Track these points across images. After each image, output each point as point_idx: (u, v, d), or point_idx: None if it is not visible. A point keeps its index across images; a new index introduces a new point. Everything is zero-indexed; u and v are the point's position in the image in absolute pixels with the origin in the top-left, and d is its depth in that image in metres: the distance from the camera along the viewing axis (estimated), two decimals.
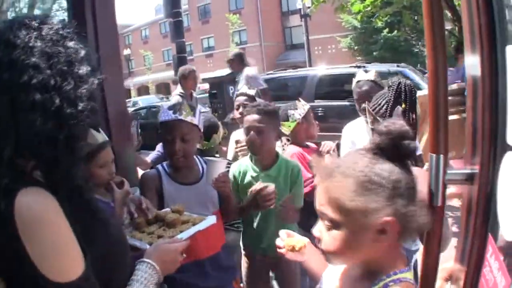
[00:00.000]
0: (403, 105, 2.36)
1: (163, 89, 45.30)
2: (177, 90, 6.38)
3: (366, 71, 3.42)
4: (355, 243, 1.13)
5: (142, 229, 1.88)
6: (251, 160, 2.68)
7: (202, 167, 2.45)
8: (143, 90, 48.08)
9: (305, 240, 1.52)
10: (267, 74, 11.50)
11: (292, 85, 10.24)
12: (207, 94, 10.58)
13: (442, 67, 1.10)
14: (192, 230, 1.80)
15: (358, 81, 3.27)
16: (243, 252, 2.83)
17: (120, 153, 2.47)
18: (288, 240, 1.54)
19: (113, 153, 2.29)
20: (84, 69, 1.06)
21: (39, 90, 0.94)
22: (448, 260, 1.43)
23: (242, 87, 4.09)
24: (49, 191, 0.99)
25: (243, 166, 2.70)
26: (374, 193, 1.08)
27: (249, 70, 6.62)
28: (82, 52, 1.08)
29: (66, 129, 0.99)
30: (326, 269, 1.41)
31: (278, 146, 3.29)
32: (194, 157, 2.47)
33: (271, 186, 2.38)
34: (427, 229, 1.17)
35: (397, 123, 1.13)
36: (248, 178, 2.64)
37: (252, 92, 3.83)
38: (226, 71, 9.27)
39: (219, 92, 9.03)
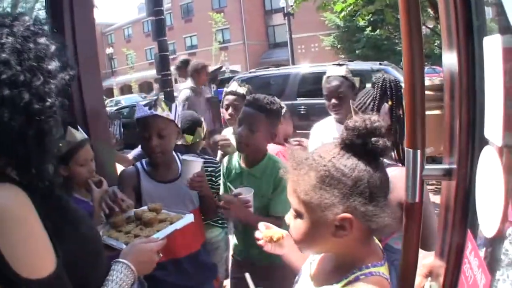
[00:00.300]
0: (390, 102, 2.32)
1: (146, 88, 45.02)
2: (186, 84, 6.12)
3: (340, 65, 3.39)
4: (314, 235, 1.14)
5: (119, 228, 1.84)
6: (239, 157, 2.52)
7: (180, 161, 2.41)
8: (126, 89, 47.74)
9: (283, 232, 1.51)
10: (250, 72, 11.49)
11: (274, 83, 10.24)
12: None
13: (418, 59, 1.08)
14: (169, 229, 1.78)
15: (328, 77, 3.13)
16: (231, 258, 2.77)
17: (99, 151, 2.44)
18: (266, 231, 1.55)
19: (92, 151, 2.26)
20: (53, 65, 1.05)
21: (8, 86, 0.94)
22: (428, 256, 1.42)
23: (232, 85, 3.58)
24: (22, 188, 0.98)
25: (233, 161, 2.55)
26: (332, 189, 1.07)
27: (183, 89, 6.08)
28: (53, 48, 1.07)
29: (35, 125, 0.98)
30: (305, 262, 1.41)
31: None
32: (174, 154, 2.43)
33: (246, 196, 2.25)
34: (393, 229, 1.17)
35: (368, 119, 1.10)
36: (233, 175, 2.53)
37: (242, 90, 3.48)
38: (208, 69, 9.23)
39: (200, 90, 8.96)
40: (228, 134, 3.40)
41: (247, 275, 1.59)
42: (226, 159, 2.69)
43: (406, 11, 1.08)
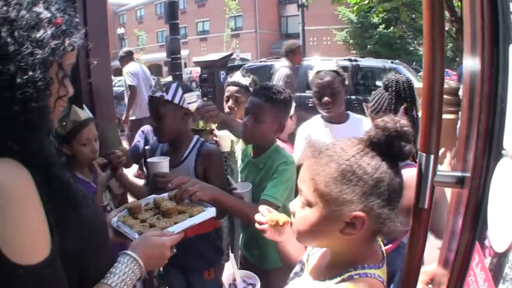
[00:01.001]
0: (405, 104, 2.26)
1: (155, 70, 45.00)
2: (282, 63, 6.51)
3: (330, 60, 3.01)
4: (322, 228, 1.11)
5: (135, 214, 1.75)
6: (252, 147, 2.46)
7: (192, 149, 2.38)
8: None
9: (288, 218, 1.45)
10: (260, 61, 11.43)
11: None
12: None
13: (438, 62, 1.04)
14: (187, 223, 1.64)
15: (318, 72, 2.83)
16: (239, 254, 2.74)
17: (104, 131, 2.42)
18: (271, 215, 1.49)
19: (97, 131, 2.25)
20: (42, 33, 0.96)
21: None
22: (430, 263, 1.39)
23: (235, 75, 3.20)
24: (25, 166, 0.92)
25: (247, 151, 2.51)
26: (352, 185, 1.05)
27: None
28: (47, 15, 0.98)
29: (19, 101, 0.91)
30: (303, 254, 1.39)
31: None
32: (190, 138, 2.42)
33: (241, 191, 2.19)
34: (399, 236, 1.14)
35: (398, 121, 1.08)
36: (242, 165, 2.52)
37: (245, 81, 3.10)
38: (218, 55, 9.17)
39: (210, 76, 8.90)
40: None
41: (232, 257, 1.58)
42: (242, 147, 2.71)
43: (430, 11, 1.04)
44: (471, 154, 1.04)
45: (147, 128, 3.47)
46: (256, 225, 1.51)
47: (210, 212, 1.75)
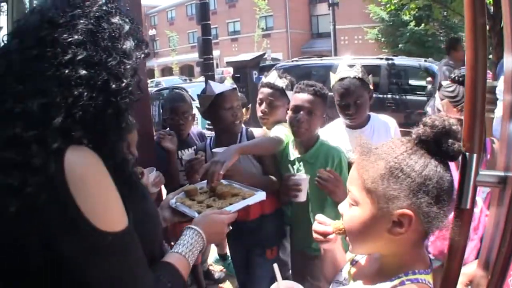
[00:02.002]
0: None
1: (187, 71, 45.43)
2: (444, 61, 6.58)
3: (350, 66, 2.73)
4: (370, 227, 1.11)
5: (192, 196, 1.93)
6: (292, 143, 2.56)
7: (241, 137, 2.66)
8: (166, 71, 48.35)
9: None
10: (292, 61, 11.41)
11: (316, 73, 10.14)
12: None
13: (481, 60, 1.03)
14: (242, 204, 1.81)
15: (342, 79, 2.62)
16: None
17: (140, 133, 2.46)
18: (334, 222, 1.40)
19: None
20: (128, 45, 1.08)
21: (83, 66, 0.97)
22: (470, 265, 1.37)
23: (270, 75, 2.89)
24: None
25: (287, 148, 2.58)
26: (399, 182, 1.05)
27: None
28: (126, 27, 1.09)
29: (113, 104, 1.02)
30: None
31: None
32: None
33: (301, 178, 2.31)
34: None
35: (447, 119, 1.08)
36: (286, 162, 2.57)
37: (282, 83, 2.82)
38: (250, 55, 9.20)
39: (243, 76, 8.96)
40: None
41: (275, 266, 1.58)
42: None
43: (472, 8, 1.02)
44: None
45: None
46: (317, 236, 1.43)
47: (260, 195, 1.91)
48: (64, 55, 0.95)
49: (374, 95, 2.78)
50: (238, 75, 9.04)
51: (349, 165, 2.35)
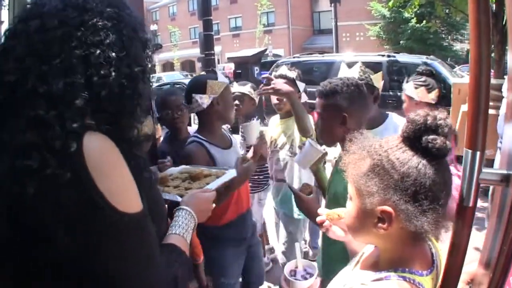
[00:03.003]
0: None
1: (188, 66, 45.41)
2: None
3: (349, 66, 2.84)
4: (359, 222, 1.15)
5: (165, 183, 1.97)
6: None
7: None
8: (168, 66, 48.35)
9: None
10: (294, 57, 11.40)
11: (318, 70, 10.13)
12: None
13: (485, 57, 1.02)
14: (220, 181, 1.91)
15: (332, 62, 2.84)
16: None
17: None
18: (328, 211, 1.56)
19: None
20: (145, 35, 1.17)
21: (112, 49, 1.03)
22: (471, 263, 1.37)
23: (281, 69, 3.37)
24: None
25: None
26: (378, 179, 1.07)
27: None
28: (140, 19, 1.18)
29: (134, 86, 1.09)
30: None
31: None
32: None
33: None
34: (433, 236, 1.12)
35: (431, 115, 1.05)
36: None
37: (292, 74, 3.29)
38: (252, 51, 9.18)
39: (244, 72, 8.94)
40: (275, 122, 3.49)
41: (297, 245, 1.72)
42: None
43: (476, 4, 1.01)
44: None
45: None
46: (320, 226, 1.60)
47: (232, 172, 2.04)
48: (94, 36, 1.01)
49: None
50: (240, 71, 9.02)
51: None
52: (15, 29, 1.03)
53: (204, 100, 2.48)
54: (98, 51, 1.01)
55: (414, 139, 1.06)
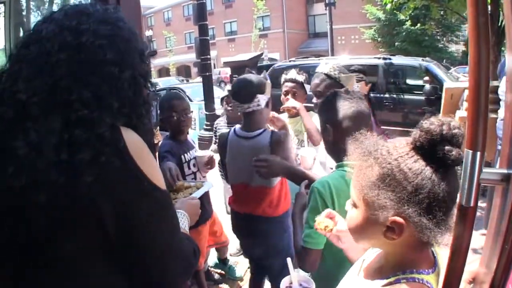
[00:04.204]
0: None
1: (184, 71, 45.42)
2: None
3: (326, 63, 3.01)
4: (365, 229, 1.12)
5: None
6: None
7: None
8: (163, 71, 48.36)
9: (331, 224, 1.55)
10: (290, 61, 11.40)
11: (313, 73, 10.12)
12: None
13: (484, 59, 1.03)
14: (201, 192, 2.28)
15: (315, 72, 2.94)
16: None
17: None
18: (320, 219, 1.57)
19: None
20: (141, 43, 1.25)
21: (112, 63, 1.11)
22: (473, 262, 1.37)
23: (290, 72, 3.55)
24: None
25: None
26: (390, 190, 1.02)
27: None
28: (133, 29, 1.23)
29: (139, 93, 1.20)
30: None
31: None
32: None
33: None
34: (437, 245, 1.07)
35: (447, 123, 0.99)
36: None
37: (301, 78, 3.46)
38: (249, 55, 9.18)
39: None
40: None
41: (289, 260, 1.67)
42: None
43: (475, 6, 1.03)
44: None
45: None
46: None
47: (209, 184, 2.47)
48: (94, 55, 1.09)
49: (372, 95, 2.84)
50: (236, 75, 9.02)
51: None
52: (18, 55, 1.12)
53: (263, 100, 2.60)
54: (101, 67, 1.10)
55: (427, 149, 1.00)
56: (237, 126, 2.77)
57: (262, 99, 2.59)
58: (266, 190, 2.66)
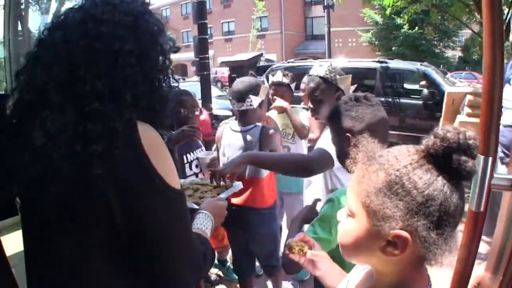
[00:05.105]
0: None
1: (180, 70, 45.31)
2: None
3: (320, 65, 2.91)
4: (362, 242, 1.00)
5: None
6: None
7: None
8: None
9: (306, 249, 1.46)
10: (288, 62, 11.41)
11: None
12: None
13: (499, 64, 1.02)
14: (229, 192, 2.24)
15: (309, 75, 2.81)
16: None
17: None
18: (294, 242, 1.49)
19: None
20: (162, 40, 1.24)
21: (131, 55, 1.12)
22: (478, 267, 1.37)
23: (276, 74, 3.94)
24: None
25: None
26: (397, 199, 0.92)
27: None
28: (160, 26, 1.25)
29: (156, 88, 1.21)
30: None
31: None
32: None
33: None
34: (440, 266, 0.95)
35: (463, 132, 0.92)
36: None
37: (287, 80, 3.85)
38: (248, 55, 9.17)
39: (239, 76, 8.95)
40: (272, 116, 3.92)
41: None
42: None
43: (490, 8, 1.02)
44: None
45: None
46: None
47: (238, 185, 2.37)
48: (113, 45, 1.09)
49: None
50: (235, 75, 9.00)
51: None
52: (42, 40, 1.14)
53: (256, 101, 2.90)
54: (119, 59, 1.10)
55: (442, 158, 0.92)
56: (232, 122, 3.07)
57: (255, 100, 2.89)
58: (256, 181, 2.94)
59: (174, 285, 1.21)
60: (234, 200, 2.91)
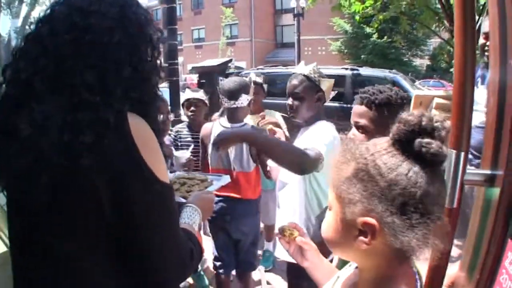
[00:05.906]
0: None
1: None
2: None
3: (306, 65, 2.92)
4: (339, 234, 1.00)
5: None
6: None
7: None
8: None
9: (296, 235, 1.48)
10: (258, 69, 11.44)
11: (281, 82, 10.19)
12: None
13: (470, 60, 1.04)
14: (217, 185, 2.22)
15: (293, 73, 2.78)
16: None
17: None
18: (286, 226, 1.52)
19: None
20: (153, 30, 1.23)
21: (120, 46, 1.10)
22: (451, 267, 1.37)
23: (251, 75, 4.17)
24: None
25: None
26: (362, 185, 0.92)
27: None
28: (148, 16, 1.23)
29: (148, 78, 1.20)
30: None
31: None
32: None
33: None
34: (414, 255, 0.94)
35: (428, 116, 0.90)
36: None
37: (260, 79, 4.11)
38: (217, 61, 9.13)
39: (208, 82, 8.89)
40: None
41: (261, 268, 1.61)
42: None
43: (462, 11, 1.03)
44: (503, 152, 1.03)
45: None
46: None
47: (226, 178, 2.35)
48: (101, 37, 1.08)
49: (339, 105, 2.83)
50: (204, 81, 8.96)
51: None
52: (29, 34, 1.14)
53: (246, 100, 3.06)
54: (107, 50, 1.08)
55: (405, 142, 0.91)
56: (222, 119, 3.18)
57: (245, 99, 3.05)
58: (244, 174, 3.08)
59: (158, 284, 1.19)
60: (222, 192, 3.00)
